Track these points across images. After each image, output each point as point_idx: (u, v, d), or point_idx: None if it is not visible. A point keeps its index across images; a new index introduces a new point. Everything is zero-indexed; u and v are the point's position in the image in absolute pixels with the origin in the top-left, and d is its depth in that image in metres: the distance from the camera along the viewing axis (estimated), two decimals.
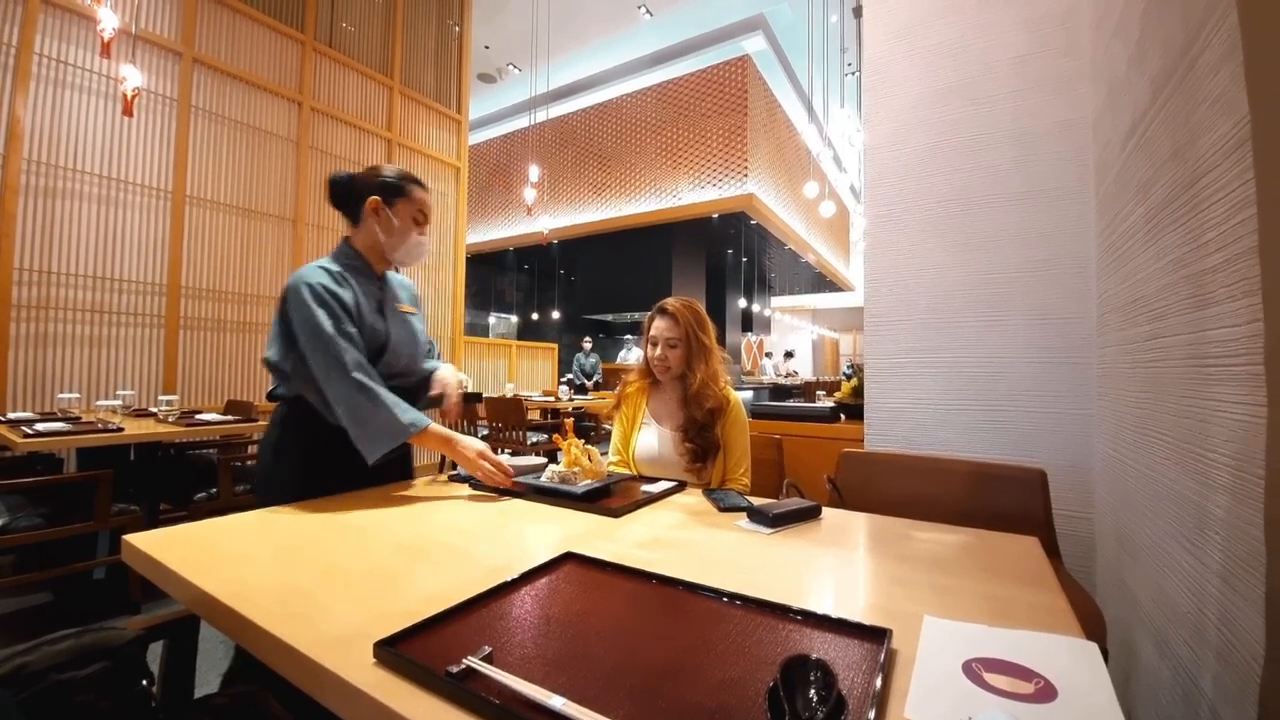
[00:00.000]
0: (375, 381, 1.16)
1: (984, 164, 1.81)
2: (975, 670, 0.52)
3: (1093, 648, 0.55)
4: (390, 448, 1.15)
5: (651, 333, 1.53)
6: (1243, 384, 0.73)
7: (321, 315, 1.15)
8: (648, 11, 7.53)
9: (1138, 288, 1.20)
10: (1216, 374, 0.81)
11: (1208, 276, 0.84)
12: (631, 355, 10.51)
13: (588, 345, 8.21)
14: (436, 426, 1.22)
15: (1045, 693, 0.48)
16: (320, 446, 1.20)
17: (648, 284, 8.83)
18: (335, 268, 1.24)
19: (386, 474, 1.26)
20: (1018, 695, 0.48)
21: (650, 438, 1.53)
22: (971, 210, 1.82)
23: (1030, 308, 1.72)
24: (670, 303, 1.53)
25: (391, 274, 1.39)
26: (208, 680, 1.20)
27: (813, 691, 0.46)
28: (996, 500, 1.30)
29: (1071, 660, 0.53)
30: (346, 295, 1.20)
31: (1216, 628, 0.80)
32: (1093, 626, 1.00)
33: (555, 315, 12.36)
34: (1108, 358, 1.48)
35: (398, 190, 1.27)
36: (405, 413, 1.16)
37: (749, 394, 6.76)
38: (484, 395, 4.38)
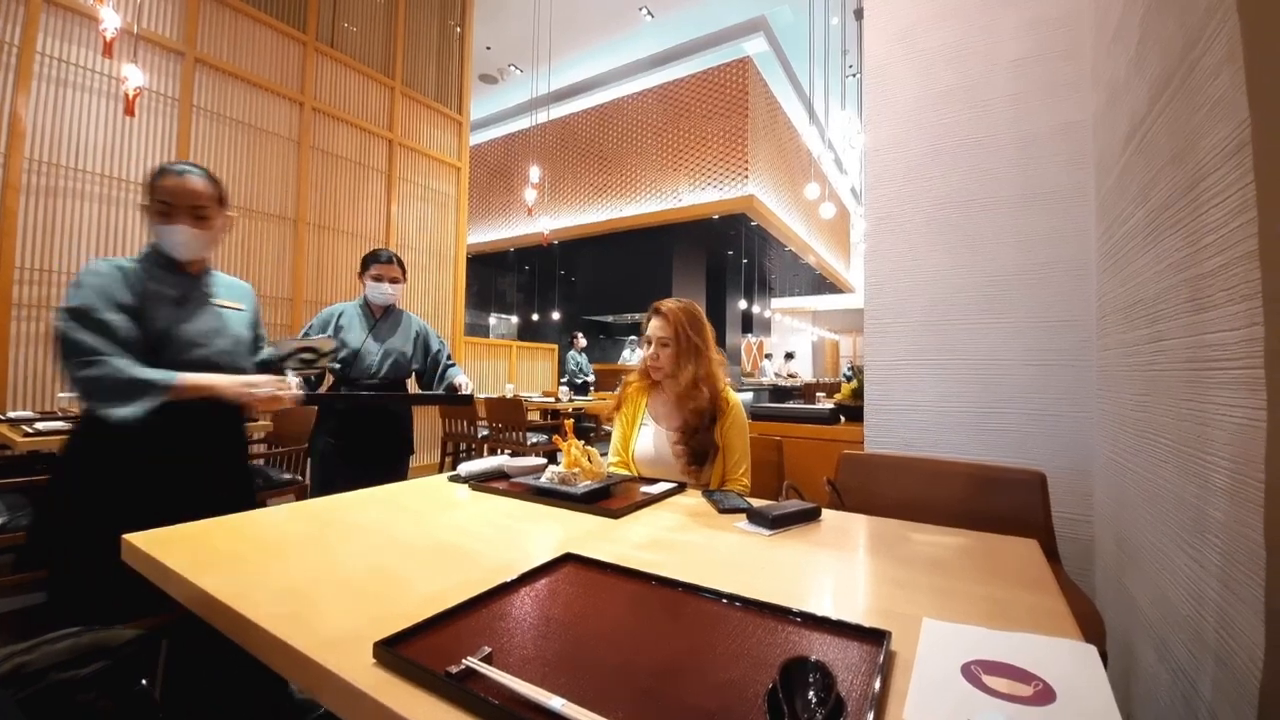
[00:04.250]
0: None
1: (984, 167, 1.81)
2: (974, 672, 0.52)
3: (1091, 650, 0.55)
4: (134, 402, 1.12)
5: (647, 333, 1.55)
6: (1242, 387, 0.74)
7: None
8: (649, 13, 7.53)
9: (1138, 290, 1.20)
10: (1216, 377, 0.81)
11: (1207, 280, 0.84)
12: (634, 356, 10.51)
13: (581, 341, 7.42)
14: (187, 376, 1.19)
15: (1044, 695, 0.48)
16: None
17: (648, 285, 8.82)
18: (130, 264, 1.26)
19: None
20: (1016, 698, 0.48)
21: (649, 438, 1.53)
22: (972, 213, 1.83)
23: (1030, 310, 1.73)
24: (664, 303, 1.54)
25: (218, 274, 1.42)
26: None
27: (812, 693, 0.46)
28: (996, 503, 1.30)
29: (1070, 663, 0.53)
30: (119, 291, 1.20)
31: (1216, 631, 0.80)
32: (1092, 629, 1.00)
33: (555, 316, 12.35)
34: (1107, 360, 1.48)
35: (149, 191, 1.27)
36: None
37: (749, 395, 6.75)
38: (486, 396, 4.38)
